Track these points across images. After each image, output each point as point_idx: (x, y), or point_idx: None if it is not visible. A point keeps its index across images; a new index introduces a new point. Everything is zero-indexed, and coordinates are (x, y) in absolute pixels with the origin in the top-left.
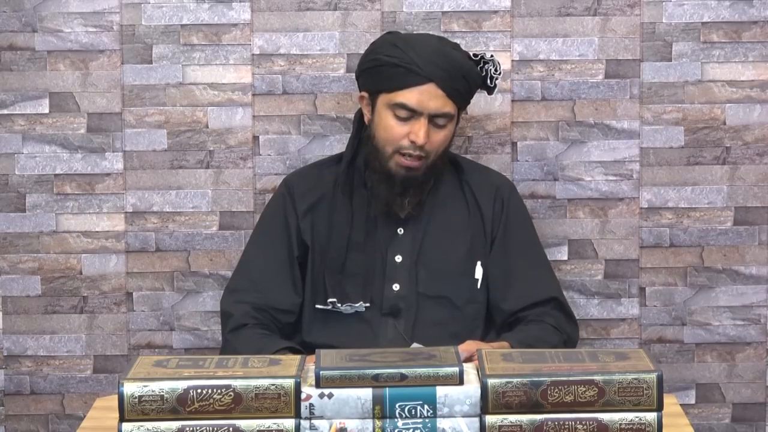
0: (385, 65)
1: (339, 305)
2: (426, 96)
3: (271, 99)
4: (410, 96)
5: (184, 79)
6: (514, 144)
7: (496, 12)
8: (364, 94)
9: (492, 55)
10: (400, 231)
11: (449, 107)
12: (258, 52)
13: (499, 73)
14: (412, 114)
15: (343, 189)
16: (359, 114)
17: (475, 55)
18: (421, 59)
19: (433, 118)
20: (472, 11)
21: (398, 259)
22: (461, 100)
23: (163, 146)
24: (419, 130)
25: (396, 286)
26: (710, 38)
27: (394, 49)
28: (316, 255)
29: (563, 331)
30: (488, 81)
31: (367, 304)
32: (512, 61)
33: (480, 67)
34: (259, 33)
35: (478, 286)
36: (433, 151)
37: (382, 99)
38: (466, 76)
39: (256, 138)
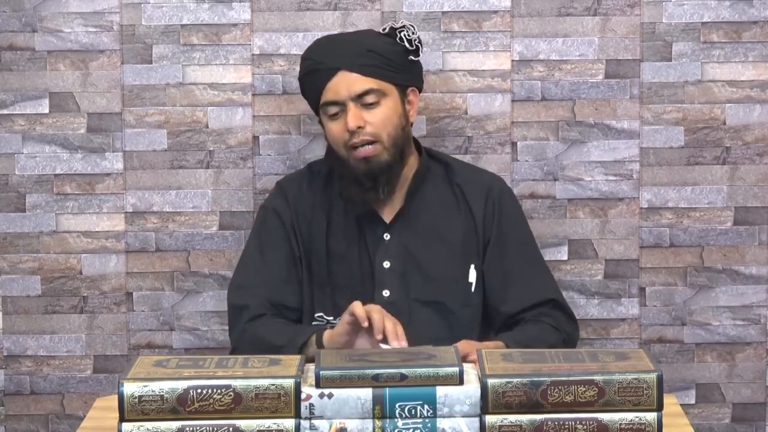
0: (302, 80)
1: (330, 319)
2: (340, 84)
3: (271, 99)
4: (328, 92)
5: (184, 79)
6: (514, 144)
7: (496, 12)
8: (318, 118)
9: (403, 22)
10: (386, 236)
11: (369, 83)
12: (258, 52)
13: (416, 35)
14: (339, 107)
15: (322, 205)
16: None
17: (384, 29)
18: (321, 56)
19: (358, 100)
20: (472, 11)
21: (386, 264)
22: (383, 74)
23: (163, 146)
24: (347, 116)
25: (386, 293)
26: (710, 38)
27: (304, 62)
28: (305, 268)
29: (562, 330)
30: (408, 45)
31: None
32: (512, 61)
33: (398, 38)
34: (259, 33)
35: (473, 290)
36: (379, 131)
37: (320, 111)
38: (372, 50)
39: (256, 138)
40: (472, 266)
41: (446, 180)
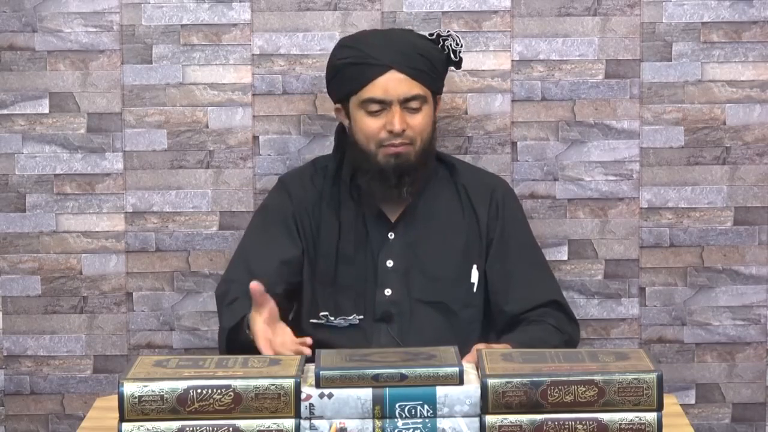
0: (343, 68)
1: (332, 319)
2: (390, 84)
3: (271, 99)
4: (375, 88)
5: (184, 79)
6: (514, 144)
7: (496, 12)
8: (338, 106)
9: (449, 31)
10: (391, 235)
11: (417, 89)
12: (258, 52)
13: (461, 46)
14: (382, 105)
15: (330, 204)
16: (340, 128)
17: (431, 34)
18: (373, 50)
19: (404, 103)
20: (472, 11)
21: (389, 264)
22: (428, 80)
23: (163, 146)
24: (393, 118)
25: (388, 291)
26: (710, 38)
27: (347, 49)
28: (307, 266)
29: (564, 332)
30: (452, 56)
31: (361, 317)
32: (512, 61)
33: (441, 46)
34: (259, 33)
35: (474, 290)
36: (416, 136)
37: (353, 102)
38: (424, 54)
39: (256, 138)
40: (475, 267)
41: (451, 181)
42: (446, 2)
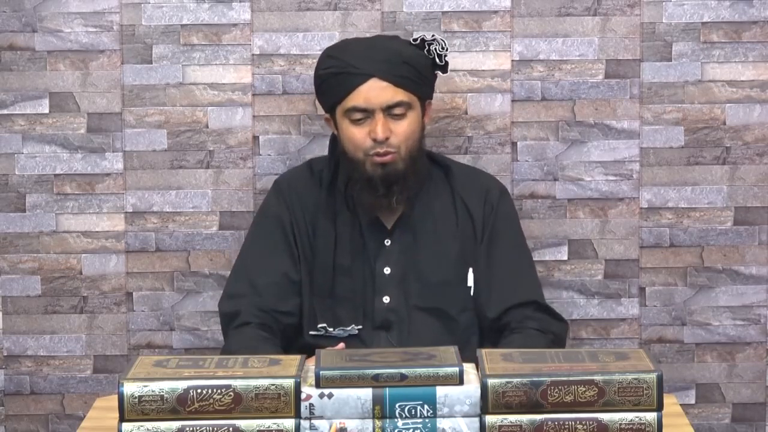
0: (327, 78)
1: (331, 330)
2: (372, 92)
3: (271, 99)
4: (357, 97)
5: (184, 79)
6: (514, 144)
7: (496, 12)
8: (327, 116)
9: (434, 35)
10: (387, 242)
11: (400, 96)
12: (258, 52)
13: (446, 50)
14: (366, 114)
15: (326, 214)
16: (333, 137)
17: (415, 40)
18: (355, 59)
19: (388, 111)
20: (472, 11)
21: (387, 271)
22: (413, 86)
23: (163, 146)
24: (376, 126)
25: (386, 299)
26: (710, 38)
27: (330, 59)
28: (305, 277)
29: (548, 332)
30: (438, 60)
31: (360, 327)
32: (512, 61)
33: (426, 50)
34: (259, 33)
35: (472, 294)
36: (401, 143)
37: (339, 111)
38: (407, 62)
39: (256, 138)
40: (471, 270)
41: (446, 183)
42: (446, 2)
